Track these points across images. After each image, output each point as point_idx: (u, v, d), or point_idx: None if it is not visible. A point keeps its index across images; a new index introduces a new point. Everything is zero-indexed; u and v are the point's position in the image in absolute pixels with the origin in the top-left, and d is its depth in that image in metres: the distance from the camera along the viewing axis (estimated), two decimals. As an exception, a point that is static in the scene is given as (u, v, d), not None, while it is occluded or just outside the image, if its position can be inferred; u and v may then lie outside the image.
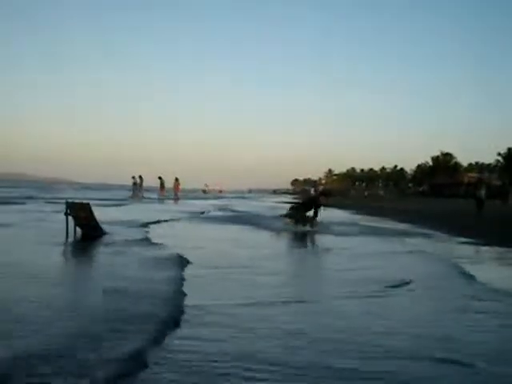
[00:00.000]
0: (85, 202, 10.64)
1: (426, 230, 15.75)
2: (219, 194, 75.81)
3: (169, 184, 41.04)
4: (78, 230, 9.94)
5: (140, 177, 38.05)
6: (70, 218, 9.76)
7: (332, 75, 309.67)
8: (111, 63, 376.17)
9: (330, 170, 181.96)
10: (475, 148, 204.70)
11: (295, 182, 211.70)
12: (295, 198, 72.66)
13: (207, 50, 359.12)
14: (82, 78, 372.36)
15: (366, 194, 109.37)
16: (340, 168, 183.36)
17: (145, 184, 39.77)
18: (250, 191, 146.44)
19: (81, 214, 9.93)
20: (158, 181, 39.48)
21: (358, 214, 27.66)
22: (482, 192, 27.84)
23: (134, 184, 38.24)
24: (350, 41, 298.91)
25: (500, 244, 11.88)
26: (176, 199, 36.79)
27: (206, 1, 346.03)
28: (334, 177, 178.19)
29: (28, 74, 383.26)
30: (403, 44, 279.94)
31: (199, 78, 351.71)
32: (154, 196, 38.40)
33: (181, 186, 40.44)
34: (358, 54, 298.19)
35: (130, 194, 38.38)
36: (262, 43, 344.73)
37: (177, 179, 39.46)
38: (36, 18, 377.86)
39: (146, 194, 38.36)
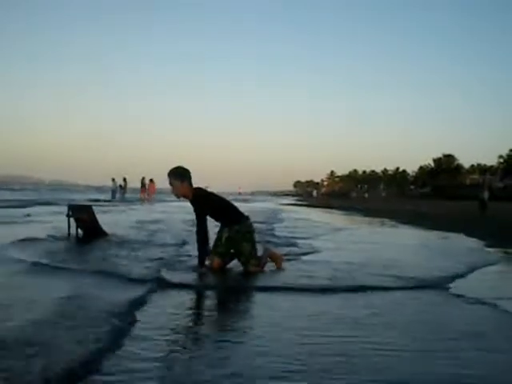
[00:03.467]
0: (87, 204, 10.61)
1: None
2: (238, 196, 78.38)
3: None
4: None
5: (124, 179, 39.39)
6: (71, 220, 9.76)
7: (334, 76, 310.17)
8: (111, 63, 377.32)
9: (332, 172, 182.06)
10: (476, 150, 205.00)
11: (298, 183, 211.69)
12: (299, 200, 72.85)
13: (207, 50, 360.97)
14: (82, 79, 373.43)
15: (366, 195, 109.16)
16: (342, 170, 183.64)
17: (134, 185, 40.86)
18: (252, 193, 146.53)
19: (82, 216, 9.91)
20: (147, 182, 39.57)
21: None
22: (485, 194, 27.75)
23: (120, 186, 39.37)
24: (350, 40, 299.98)
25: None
26: (148, 200, 36.74)
27: (206, 1, 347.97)
28: (337, 178, 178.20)
29: (25, 74, 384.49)
30: (404, 44, 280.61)
31: (199, 78, 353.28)
32: (138, 197, 38.76)
33: (156, 187, 40.26)
34: (358, 53, 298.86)
35: (110, 195, 39.10)
36: (262, 43, 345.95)
37: (151, 180, 39.53)
38: (36, 18, 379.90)
39: (129, 195, 39.17)
